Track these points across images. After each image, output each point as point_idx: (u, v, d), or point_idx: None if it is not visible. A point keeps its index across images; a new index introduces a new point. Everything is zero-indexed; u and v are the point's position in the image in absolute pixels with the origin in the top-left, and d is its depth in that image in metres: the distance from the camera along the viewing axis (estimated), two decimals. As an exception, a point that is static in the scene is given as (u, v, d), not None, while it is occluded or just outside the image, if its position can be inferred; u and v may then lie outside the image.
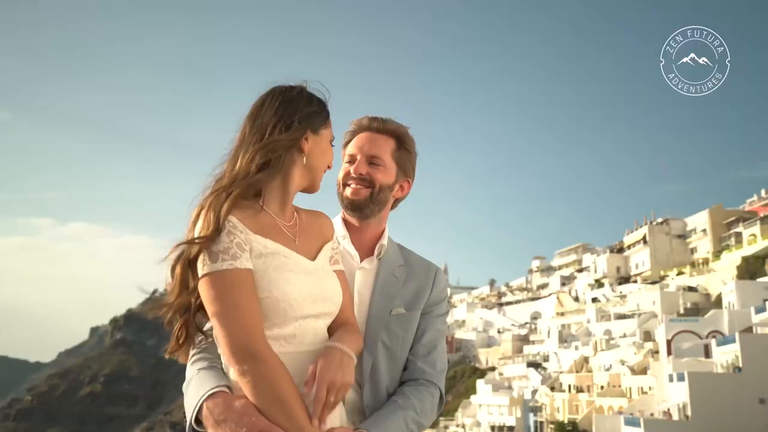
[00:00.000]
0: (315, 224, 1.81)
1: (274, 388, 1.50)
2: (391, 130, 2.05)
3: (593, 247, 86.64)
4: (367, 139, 2.03)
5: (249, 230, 1.61)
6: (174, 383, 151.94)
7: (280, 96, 1.72)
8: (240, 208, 1.62)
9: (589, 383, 51.70)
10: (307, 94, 1.75)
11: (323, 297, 1.68)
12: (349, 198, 1.99)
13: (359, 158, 2.01)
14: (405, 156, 2.07)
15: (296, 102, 1.72)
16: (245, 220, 1.62)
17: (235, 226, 1.58)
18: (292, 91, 1.74)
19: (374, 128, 2.05)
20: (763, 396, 32.73)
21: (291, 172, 1.72)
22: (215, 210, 1.58)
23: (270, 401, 1.50)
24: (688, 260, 67.09)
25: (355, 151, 2.02)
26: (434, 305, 2.06)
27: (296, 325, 1.62)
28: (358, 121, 2.08)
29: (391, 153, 2.03)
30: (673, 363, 38.54)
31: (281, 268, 1.62)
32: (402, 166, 2.06)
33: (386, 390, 1.92)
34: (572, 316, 70.98)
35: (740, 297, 43.88)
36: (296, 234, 1.73)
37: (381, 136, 2.04)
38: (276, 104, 1.70)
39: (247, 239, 1.60)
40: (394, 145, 2.05)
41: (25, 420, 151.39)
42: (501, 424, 57.55)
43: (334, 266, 1.80)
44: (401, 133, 2.07)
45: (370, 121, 2.06)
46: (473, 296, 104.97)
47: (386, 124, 2.06)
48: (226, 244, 1.55)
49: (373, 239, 2.05)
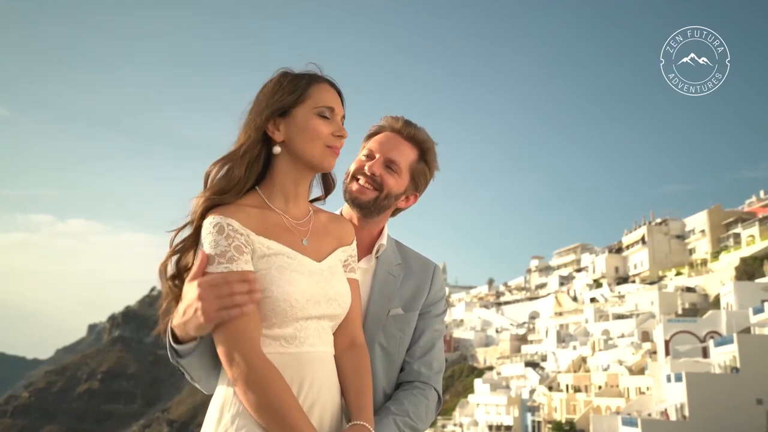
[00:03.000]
0: (334, 228, 1.77)
1: (267, 396, 1.48)
2: (419, 140, 1.99)
3: (592, 247, 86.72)
4: (392, 141, 1.97)
5: (252, 232, 1.59)
6: (171, 381, 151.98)
7: (255, 98, 1.68)
8: (243, 210, 1.60)
9: (587, 383, 51.73)
10: (275, 81, 1.68)
11: (327, 298, 1.64)
12: (354, 194, 1.95)
13: (378, 157, 1.95)
14: (422, 170, 2.01)
15: (261, 98, 1.67)
16: (248, 222, 1.59)
17: (235, 230, 1.56)
18: (265, 87, 1.69)
19: (405, 134, 1.98)
20: (761, 396, 32.77)
21: (279, 164, 1.68)
22: (193, 214, 1.61)
23: (263, 408, 1.48)
24: (686, 261, 67.14)
25: (377, 148, 1.97)
26: (432, 305, 2.04)
27: (297, 326, 1.60)
28: (392, 119, 2.01)
29: (410, 163, 1.98)
30: (670, 363, 38.57)
31: (284, 268, 1.59)
32: (415, 179, 2.01)
33: (383, 391, 1.90)
34: (570, 316, 71.03)
35: (738, 298, 43.90)
36: (307, 233, 1.70)
37: (406, 143, 1.98)
38: (249, 110, 1.67)
39: (249, 241, 1.57)
40: (415, 156, 1.99)
41: (22, 417, 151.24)
42: (498, 424, 57.56)
43: (348, 273, 1.76)
44: (426, 147, 2.01)
45: (404, 125, 1.99)
46: (471, 295, 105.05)
47: (417, 132, 1.99)
48: (224, 248, 1.54)
49: (371, 238, 2.02)
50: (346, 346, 1.72)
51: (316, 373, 1.61)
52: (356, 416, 1.63)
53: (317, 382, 1.61)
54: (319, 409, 1.60)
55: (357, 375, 1.70)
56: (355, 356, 1.72)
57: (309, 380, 1.59)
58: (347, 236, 1.80)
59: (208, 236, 1.55)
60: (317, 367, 1.62)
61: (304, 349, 1.60)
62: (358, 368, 1.71)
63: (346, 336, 1.73)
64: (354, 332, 1.75)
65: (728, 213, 65.75)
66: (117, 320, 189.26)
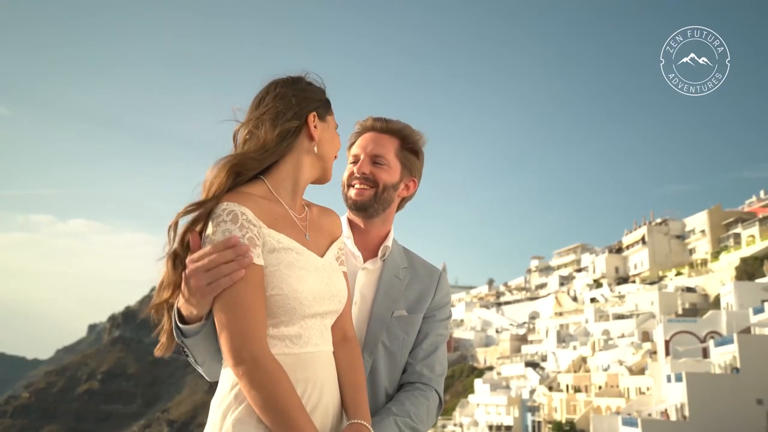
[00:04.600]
0: (325, 221, 1.78)
1: (272, 395, 1.47)
2: (395, 129, 2.05)
3: (592, 247, 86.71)
4: (371, 139, 2.03)
5: (263, 224, 1.56)
6: (171, 381, 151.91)
7: (283, 85, 1.69)
8: (254, 200, 1.58)
9: (587, 383, 51.74)
10: (307, 82, 1.74)
11: (330, 295, 1.65)
12: (353, 199, 1.99)
13: (363, 158, 2.01)
14: (410, 155, 2.06)
15: (300, 89, 1.70)
16: (260, 214, 1.56)
17: (249, 220, 1.53)
18: (293, 81, 1.72)
19: (378, 128, 2.05)
20: (761, 397, 32.75)
21: (302, 159, 1.69)
22: (215, 176, 1.56)
23: (267, 406, 1.47)
24: (686, 261, 67.15)
25: (359, 151, 2.03)
26: (437, 309, 2.05)
27: (302, 324, 1.59)
28: (362, 122, 2.09)
29: (395, 152, 2.03)
30: (671, 363, 38.57)
31: (293, 265, 1.58)
32: (407, 165, 2.06)
33: (385, 391, 1.91)
34: (570, 316, 71.04)
35: (738, 298, 43.87)
36: (307, 228, 1.70)
37: (385, 136, 2.04)
38: (280, 93, 1.67)
39: (261, 233, 1.55)
40: (398, 144, 2.04)
41: (23, 417, 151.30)
42: (499, 424, 57.57)
43: (340, 267, 1.77)
44: (406, 133, 2.06)
45: (373, 121, 2.06)
46: (471, 295, 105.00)
47: (390, 123, 2.06)
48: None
49: (377, 240, 2.04)
50: (338, 340, 1.73)
51: (319, 374, 1.61)
52: (353, 414, 1.64)
53: (320, 382, 1.61)
54: (322, 410, 1.60)
55: (351, 369, 1.72)
56: (347, 350, 1.74)
57: (312, 381, 1.59)
58: (337, 229, 1.82)
59: (221, 224, 1.51)
60: (320, 368, 1.62)
61: (308, 349, 1.60)
62: (351, 362, 1.73)
63: (338, 330, 1.74)
64: (346, 326, 1.77)
65: (728, 213, 65.75)
66: (117, 320, 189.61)
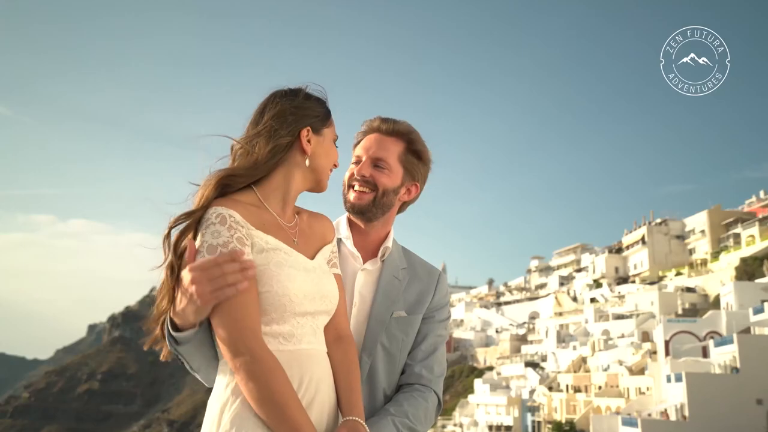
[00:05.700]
0: (316, 226, 1.82)
1: (269, 387, 1.50)
2: (402, 132, 2.02)
3: (592, 248, 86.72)
4: (375, 141, 2.01)
5: (251, 226, 1.62)
6: (171, 381, 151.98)
7: (280, 100, 1.73)
8: (242, 205, 1.64)
9: (587, 383, 51.75)
10: (306, 95, 1.77)
11: (321, 295, 1.68)
12: (352, 202, 1.98)
13: (364, 160, 1.99)
14: (414, 159, 2.03)
15: (296, 104, 1.73)
16: (247, 216, 1.62)
17: (237, 222, 1.59)
18: (292, 94, 1.75)
19: (383, 130, 2.02)
20: (761, 397, 32.78)
21: (293, 173, 1.73)
22: (204, 188, 1.62)
23: (263, 399, 1.50)
24: (686, 261, 67.17)
25: (362, 152, 2.01)
26: (436, 310, 2.05)
27: (294, 323, 1.62)
28: (369, 122, 2.06)
29: (398, 156, 2.00)
30: (670, 363, 38.58)
31: (282, 264, 1.62)
32: (409, 170, 2.03)
33: (383, 392, 1.91)
34: (570, 316, 71.04)
35: (738, 298, 43.88)
36: (296, 234, 1.74)
37: (390, 139, 2.01)
38: (277, 108, 1.71)
39: (249, 234, 1.60)
40: (402, 148, 2.01)
41: (23, 417, 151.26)
42: (498, 424, 57.58)
43: (332, 269, 1.80)
44: (412, 138, 2.03)
45: (380, 122, 2.03)
46: (471, 296, 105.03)
47: (397, 126, 2.02)
48: (226, 238, 1.56)
49: (377, 241, 2.04)
50: (333, 339, 1.76)
51: (314, 371, 1.64)
52: (348, 412, 1.66)
53: (315, 379, 1.63)
54: (317, 406, 1.62)
55: (346, 368, 1.74)
56: (342, 348, 1.76)
57: (308, 378, 1.62)
58: (329, 234, 1.85)
59: (210, 226, 1.57)
60: (315, 365, 1.65)
61: (301, 346, 1.63)
62: (346, 361, 1.75)
63: (332, 328, 1.76)
64: (340, 325, 1.79)
65: (728, 213, 65.76)
66: (117, 320, 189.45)
